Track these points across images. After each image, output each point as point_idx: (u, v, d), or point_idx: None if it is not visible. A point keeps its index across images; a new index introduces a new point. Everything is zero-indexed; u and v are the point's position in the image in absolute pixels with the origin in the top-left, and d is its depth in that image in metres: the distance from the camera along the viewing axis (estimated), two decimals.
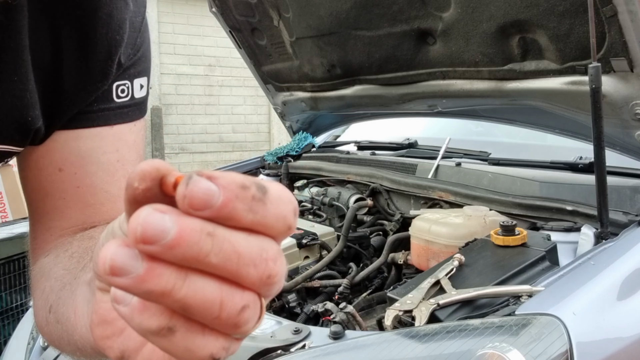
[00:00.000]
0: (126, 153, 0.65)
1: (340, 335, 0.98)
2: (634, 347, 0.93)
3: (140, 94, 0.66)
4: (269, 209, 0.27)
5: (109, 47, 0.60)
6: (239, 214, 0.26)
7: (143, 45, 0.66)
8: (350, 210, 1.80)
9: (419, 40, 1.82)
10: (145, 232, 0.25)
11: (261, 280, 0.28)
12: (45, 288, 0.56)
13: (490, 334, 0.83)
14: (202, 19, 7.69)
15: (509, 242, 1.24)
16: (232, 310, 0.27)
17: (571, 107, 1.56)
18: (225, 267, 0.27)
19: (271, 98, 2.72)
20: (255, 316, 0.28)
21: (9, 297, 2.64)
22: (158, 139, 7.55)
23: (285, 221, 0.28)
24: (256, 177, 0.28)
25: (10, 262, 2.64)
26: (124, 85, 0.64)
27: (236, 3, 2.25)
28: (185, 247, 0.25)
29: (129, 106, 0.65)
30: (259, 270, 0.27)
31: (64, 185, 0.62)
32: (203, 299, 0.27)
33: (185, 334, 0.28)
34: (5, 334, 2.62)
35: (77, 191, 0.63)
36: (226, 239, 0.26)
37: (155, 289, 0.26)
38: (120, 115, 0.64)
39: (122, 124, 0.64)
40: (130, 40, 0.63)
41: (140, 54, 0.65)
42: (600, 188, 1.20)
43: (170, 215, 0.26)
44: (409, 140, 2.43)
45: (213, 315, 0.27)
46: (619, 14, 1.23)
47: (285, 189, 0.29)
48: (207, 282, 0.27)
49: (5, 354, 1.60)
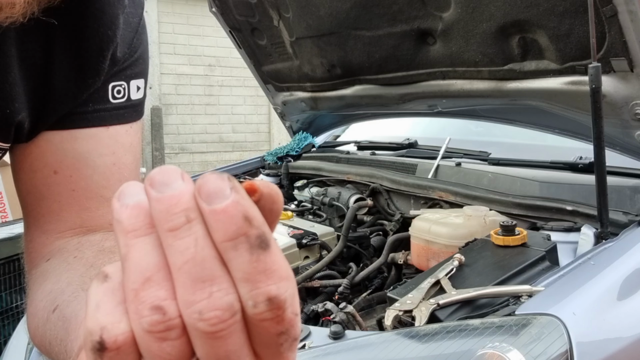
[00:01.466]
0: (122, 156, 0.64)
1: (340, 335, 0.98)
2: (634, 347, 0.93)
3: (137, 95, 0.65)
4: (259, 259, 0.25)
5: (100, 43, 0.59)
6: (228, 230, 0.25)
7: (140, 46, 0.65)
8: (350, 210, 1.80)
9: (419, 40, 1.82)
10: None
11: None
12: (52, 290, 0.55)
13: (490, 334, 0.83)
14: (202, 19, 7.69)
15: (509, 242, 1.24)
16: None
17: (571, 107, 1.56)
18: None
19: (271, 98, 2.72)
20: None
21: (9, 297, 2.64)
22: (158, 139, 7.55)
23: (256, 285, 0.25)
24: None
25: (10, 262, 2.64)
26: (120, 86, 0.63)
27: (236, 3, 2.25)
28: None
29: (125, 107, 0.64)
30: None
31: (59, 188, 0.62)
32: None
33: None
34: (5, 334, 2.62)
35: (72, 194, 0.62)
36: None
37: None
38: (116, 116, 0.63)
39: (118, 125, 0.64)
40: (126, 40, 0.62)
41: (137, 56, 0.64)
42: (600, 188, 1.20)
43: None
44: (409, 140, 2.43)
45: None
46: (619, 14, 1.23)
47: (286, 267, 0.26)
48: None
49: (5, 354, 1.60)
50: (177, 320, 0.25)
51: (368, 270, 1.54)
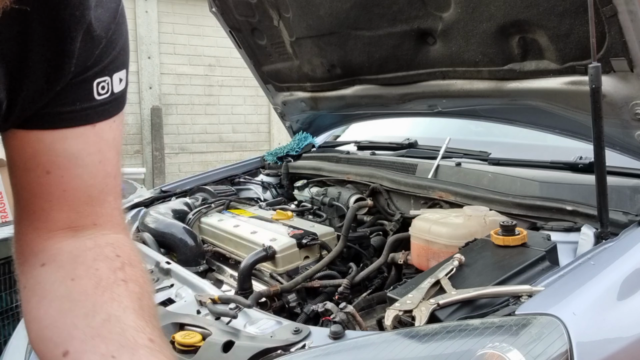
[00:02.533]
0: (107, 152, 0.67)
1: (340, 335, 0.98)
2: (634, 347, 0.93)
3: (119, 87, 0.66)
4: None
5: (69, 24, 0.59)
6: None
7: (121, 38, 0.66)
8: (350, 210, 1.80)
9: (419, 40, 1.82)
10: None
11: None
12: (57, 324, 0.60)
13: (490, 334, 0.83)
14: (202, 19, 7.69)
15: (509, 242, 1.24)
16: None
17: (571, 107, 1.56)
18: None
19: (271, 98, 2.72)
20: None
21: (9, 297, 2.64)
22: (158, 139, 7.55)
23: None
24: None
25: (10, 262, 2.63)
26: (104, 82, 0.64)
27: (236, 3, 2.25)
28: None
29: (110, 102, 0.66)
30: None
31: (50, 188, 0.64)
32: None
33: None
34: (5, 334, 2.62)
35: (63, 195, 0.64)
36: None
37: None
38: (101, 112, 0.65)
39: (103, 121, 0.65)
40: (103, 22, 0.62)
41: (119, 48, 0.65)
42: (600, 188, 1.20)
43: None
44: (409, 140, 2.43)
45: None
46: (619, 14, 1.23)
47: None
48: None
49: (5, 354, 1.60)
50: None
51: (368, 270, 1.54)
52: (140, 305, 0.63)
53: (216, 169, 2.57)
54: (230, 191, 2.29)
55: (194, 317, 1.16)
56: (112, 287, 0.63)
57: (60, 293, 0.61)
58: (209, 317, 1.16)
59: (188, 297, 1.30)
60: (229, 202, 2.10)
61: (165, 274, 1.45)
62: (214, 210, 2.02)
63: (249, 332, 1.08)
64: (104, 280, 0.63)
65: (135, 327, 0.60)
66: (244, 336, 1.04)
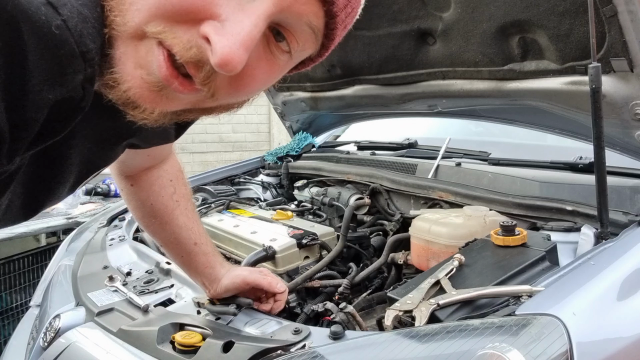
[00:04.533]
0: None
1: (340, 335, 0.98)
2: (634, 347, 0.93)
3: None
4: None
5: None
6: None
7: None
8: (348, 209, 1.79)
9: (419, 40, 1.82)
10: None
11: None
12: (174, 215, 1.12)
13: (490, 334, 0.83)
14: None
15: (509, 242, 1.24)
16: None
17: (571, 107, 1.56)
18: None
19: (271, 98, 2.72)
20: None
21: (9, 297, 2.64)
22: None
23: None
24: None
25: (10, 262, 2.64)
26: None
27: None
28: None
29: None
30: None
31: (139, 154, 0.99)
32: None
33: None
34: (5, 334, 2.62)
35: (147, 158, 1.04)
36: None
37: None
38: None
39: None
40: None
41: None
42: (600, 188, 1.20)
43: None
44: (409, 140, 2.43)
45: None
46: (619, 14, 1.23)
47: None
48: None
49: (5, 354, 1.60)
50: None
51: (368, 271, 1.54)
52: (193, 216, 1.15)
53: (216, 169, 2.57)
54: (230, 191, 2.29)
55: (194, 317, 1.16)
56: (174, 208, 1.10)
57: (164, 191, 1.09)
58: (209, 317, 1.16)
59: (188, 297, 1.30)
60: (229, 202, 2.10)
61: (166, 274, 1.45)
62: (214, 210, 2.02)
63: (249, 332, 1.08)
64: (169, 206, 1.10)
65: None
66: (244, 336, 1.04)
